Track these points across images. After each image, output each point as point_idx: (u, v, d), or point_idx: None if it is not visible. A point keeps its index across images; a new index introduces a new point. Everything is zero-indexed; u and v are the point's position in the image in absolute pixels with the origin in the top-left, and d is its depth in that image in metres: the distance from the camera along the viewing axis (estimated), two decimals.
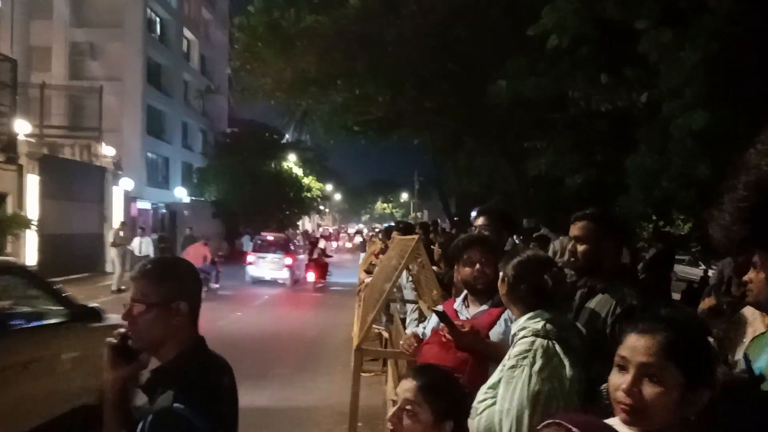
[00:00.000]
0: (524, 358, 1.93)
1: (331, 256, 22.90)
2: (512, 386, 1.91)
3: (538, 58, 8.07)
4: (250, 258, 19.04)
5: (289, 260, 18.72)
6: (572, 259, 2.43)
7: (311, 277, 18.53)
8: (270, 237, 20.50)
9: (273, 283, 18.36)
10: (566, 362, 1.91)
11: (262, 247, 19.20)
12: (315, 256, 19.49)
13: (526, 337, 1.98)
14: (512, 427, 1.85)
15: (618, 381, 1.25)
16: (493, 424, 1.91)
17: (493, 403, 1.96)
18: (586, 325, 2.24)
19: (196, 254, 14.89)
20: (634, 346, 1.25)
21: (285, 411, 6.42)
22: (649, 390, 1.21)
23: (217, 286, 15.98)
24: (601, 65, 7.41)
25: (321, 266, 19.00)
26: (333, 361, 8.61)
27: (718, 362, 1.54)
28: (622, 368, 1.26)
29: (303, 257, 20.27)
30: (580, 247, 2.39)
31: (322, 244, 22.66)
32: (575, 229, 2.42)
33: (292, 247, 19.78)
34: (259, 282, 18.32)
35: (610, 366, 1.75)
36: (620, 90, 7.17)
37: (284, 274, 18.55)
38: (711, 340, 1.69)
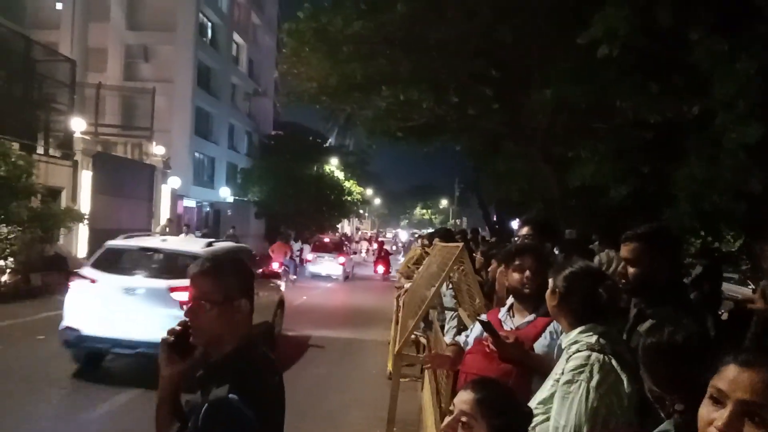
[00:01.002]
0: (581, 372, 1.87)
1: (391, 254, 28.84)
2: (569, 402, 1.85)
3: (583, 65, 7.96)
4: (309, 257, 22.46)
5: (342, 259, 22.23)
6: (623, 281, 2.36)
7: (381, 269, 24.17)
8: (326, 240, 24.59)
9: (328, 277, 21.61)
10: (624, 377, 1.85)
11: (320, 248, 22.79)
12: (382, 254, 25.33)
13: (581, 351, 1.92)
14: None
15: (711, 415, 1.09)
16: None
17: (546, 419, 1.92)
18: (635, 349, 2.19)
19: (279, 250, 18.47)
20: (735, 379, 1.08)
21: (319, 411, 6.50)
22: (748, 431, 1.06)
23: (295, 277, 19.01)
24: (650, 74, 7.26)
25: (387, 262, 24.60)
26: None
27: None
28: (717, 401, 1.10)
29: (353, 257, 25.28)
30: (631, 270, 2.31)
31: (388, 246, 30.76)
32: (625, 251, 2.34)
33: (344, 249, 23.72)
34: (317, 276, 21.38)
35: None
36: (669, 100, 7.01)
37: (338, 271, 21.84)
38: None
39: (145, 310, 6.48)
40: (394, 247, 43.82)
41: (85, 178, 15.76)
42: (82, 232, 15.27)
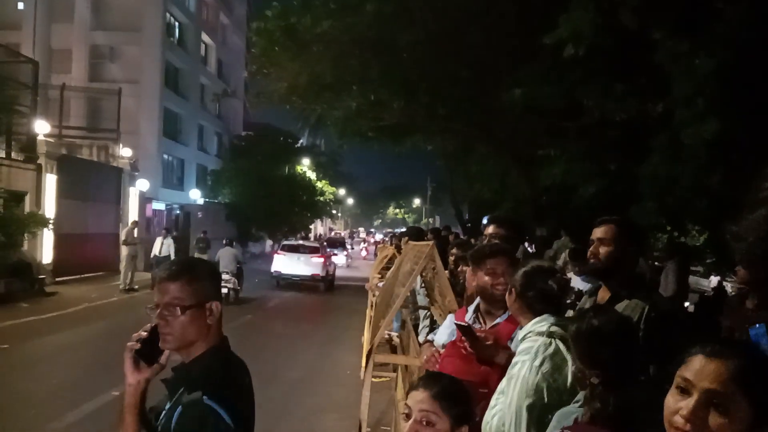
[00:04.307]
0: (525, 354, 2.00)
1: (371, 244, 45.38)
2: (513, 381, 1.96)
3: (552, 66, 8.07)
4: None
5: (345, 252, 32.60)
6: (592, 260, 2.44)
7: (363, 253, 40.84)
8: (333, 239, 36.18)
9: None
10: (568, 358, 1.93)
11: (329, 244, 29.43)
12: (368, 244, 43.90)
13: (528, 337, 2.07)
14: (512, 419, 1.90)
15: (677, 405, 1.13)
16: (502, 423, 1.97)
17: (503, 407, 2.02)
18: None
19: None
20: (701, 369, 1.12)
21: (294, 413, 6.47)
22: (712, 420, 1.09)
23: None
24: (616, 74, 7.41)
25: (368, 250, 40.40)
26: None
27: None
28: (684, 391, 1.13)
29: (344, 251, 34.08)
30: (603, 249, 2.40)
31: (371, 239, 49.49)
32: (600, 232, 2.43)
33: (346, 245, 35.47)
34: None
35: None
36: (634, 99, 7.16)
37: (343, 261, 29.94)
38: None
39: (302, 264, 18.74)
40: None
41: (50, 181, 15.36)
42: (47, 237, 14.90)
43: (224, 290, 13.73)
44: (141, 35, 28.52)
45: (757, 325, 3.10)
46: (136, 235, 16.17)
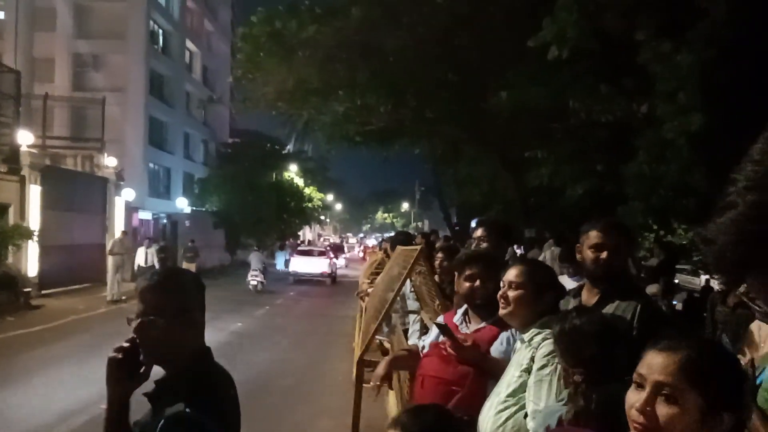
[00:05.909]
0: (554, 357, 1.95)
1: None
2: (546, 384, 1.93)
3: (539, 69, 8.12)
4: None
5: (344, 255, 36.84)
6: (601, 264, 2.37)
7: (361, 254, 42.84)
8: (335, 245, 39.78)
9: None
10: None
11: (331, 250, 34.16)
12: (363, 248, 46.16)
13: (548, 338, 2.01)
14: (545, 424, 1.86)
15: (633, 399, 1.21)
16: (522, 427, 1.95)
17: (518, 409, 1.99)
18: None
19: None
20: (652, 363, 1.20)
21: (287, 420, 6.41)
22: (663, 410, 1.15)
23: None
24: (601, 76, 7.46)
25: (365, 253, 39.06)
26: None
27: (747, 384, 1.46)
28: (639, 386, 1.21)
29: (344, 255, 38.98)
30: (605, 254, 2.37)
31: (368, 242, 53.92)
32: (601, 236, 2.38)
33: (344, 250, 41.10)
34: None
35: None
36: (620, 100, 7.21)
37: (342, 262, 33.46)
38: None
39: (313, 263, 23.82)
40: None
41: (34, 193, 15.16)
42: (32, 249, 14.70)
43: (254, 282, 18.80)
44: (125, 43, 28.34)
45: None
46: (124, 244, 16.00)
